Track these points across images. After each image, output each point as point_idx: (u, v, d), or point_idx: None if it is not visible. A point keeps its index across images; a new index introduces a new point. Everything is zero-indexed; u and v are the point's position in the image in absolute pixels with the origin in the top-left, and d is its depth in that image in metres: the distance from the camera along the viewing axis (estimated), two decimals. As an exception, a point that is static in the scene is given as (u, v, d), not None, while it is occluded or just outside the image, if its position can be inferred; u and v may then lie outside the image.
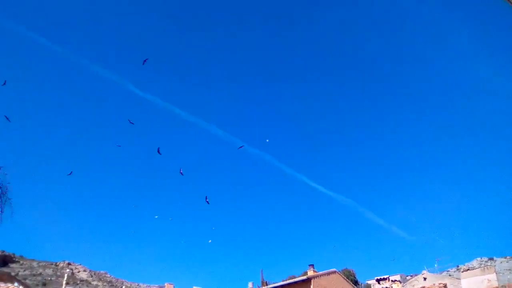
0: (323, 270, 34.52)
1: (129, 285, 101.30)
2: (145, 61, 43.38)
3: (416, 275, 38.69)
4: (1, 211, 9.50)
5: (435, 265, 47.13)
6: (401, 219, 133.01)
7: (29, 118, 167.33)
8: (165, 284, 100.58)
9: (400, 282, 34.19)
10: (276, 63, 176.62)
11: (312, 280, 31.28)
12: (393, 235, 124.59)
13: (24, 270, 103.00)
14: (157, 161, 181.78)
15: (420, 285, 29.06)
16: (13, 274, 66.88)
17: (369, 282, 60.04)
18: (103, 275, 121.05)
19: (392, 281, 32.70)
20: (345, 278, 38.25)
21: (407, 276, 45.91)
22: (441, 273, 44.83)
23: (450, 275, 40.89)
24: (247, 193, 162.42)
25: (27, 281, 72.10)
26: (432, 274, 35.67)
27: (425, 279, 32.89)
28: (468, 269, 35.33)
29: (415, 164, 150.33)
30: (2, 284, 10.98)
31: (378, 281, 45.64)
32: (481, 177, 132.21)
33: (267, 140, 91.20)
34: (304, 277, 32.78)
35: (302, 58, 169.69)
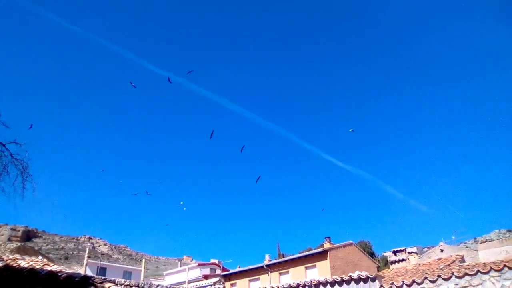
0: (339, 243, 34.69)
1: (148, 258, 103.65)
2: (189, 72, 42.60)
3: (433, 247, 38.70)
4: (22, 188, 9.59)
5: (452, 237, 47.04)
6: (418, 191, 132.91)
7: (54, 95, 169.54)
8: (184, 257, 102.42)
9: (417, 254, 34.17)
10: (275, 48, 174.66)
11: (328, 252, 31.48)
12: (410, 208, 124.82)
13: (47, 245, 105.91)
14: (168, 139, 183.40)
15: (437, 257, 28.97)
16: (36, 248, 68.78)
17: (385, 254, 60.41)
18: (123, 248, 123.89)
19: (408, 253, 32.75)
20: (361, 250, 38.44)
21: (423, 248, 45.96)
22: (458, 245, 44.75)
23: (467, 247, 40.81)
24: (262, 167, 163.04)
25: (50, 255, 74.07)
26: (449, 245, 35.59)
27: (442, 250, 32.78)
28: (485, 241, 35.17)
29: (434, 136, 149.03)
30: (27, 257, 11.21)
31: (395, 253, 45.67)
32: (498, 149, 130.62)
33: (351, 130, 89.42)
34: (321, 249, 32.98)
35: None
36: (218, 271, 48.79)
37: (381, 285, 14.13)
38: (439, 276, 13.24)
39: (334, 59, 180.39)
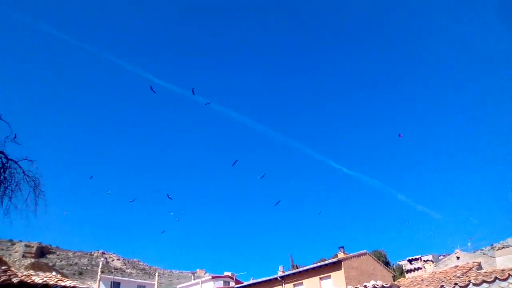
0: (353, 252, 34.37)
1: (162, 271, 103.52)
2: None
3: (448, 254, 38.08)
4: (35, 204, 9.67)
5: (468, 244, 46.26)
6: (432, 199, 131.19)
7: (64, 111, 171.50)
8: (197, 270, 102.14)
9: (433, 262, 33.67)
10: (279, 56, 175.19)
11: (343, 262, 31.20)
12: (423, 215, 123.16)
13: (61, 260, 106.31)
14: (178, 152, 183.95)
15: (453, 264, 28.52)
16: (50, 264, 69.14)
17: (400, 262, 59.61)
18: (136, 263, 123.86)
19: (424, 261, 32.25)
20: (376, 259, 38.02)
21: (439, 255, 45.29)
22: (475, 252, 44.01)
23: (484, 254, 40.10)
24: (274, 178, 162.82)
25: (64, 271, 74.35)
26: (465, 253, 34.98)
27: (458, 258, 32.23)
28: (503, 247, 34.57)
29: (445, 141, 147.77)
30: (41, 273, 11.27)
31: (410, 261, 45.07)
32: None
33: (400, 135, 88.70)
34: (335, 259, 32.72)
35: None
36: (232, 284, 48.56)
37: (397, 294, 13.95)
38: (456, 284, 13.03)
39: (342, 65, 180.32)
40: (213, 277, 54.95)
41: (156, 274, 43.15)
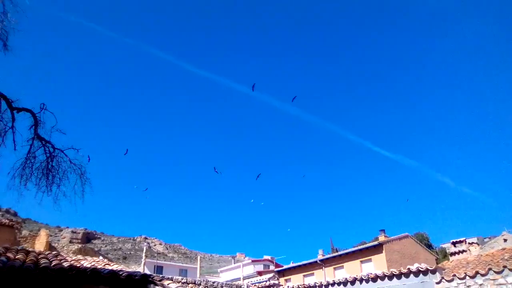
0: (394, 235, 33.87)
1: (202, 256, 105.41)
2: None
3: (495, 237, 36.91)
4: (82, 191, 9.96)
5: (516, 226, 44.65)
6: (476, 180, 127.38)
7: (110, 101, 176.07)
8: (237, 254, 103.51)
9: (478, 245, 32.71)
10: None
11: (384, 245, 30.82)
12: (468, 197, 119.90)
13: (106, 246, 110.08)
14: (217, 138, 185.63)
15: (500, 247, 27.62)
16: (96, 249, 71.60)
17: (443, 245, 58.26)
18: (178, 247, 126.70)
19: (469, 243, 31.33)
20: (418, 242, 37.36)
21: (485, 238, 43.94)
22: (523, 234, 42.44)
23: (532, 236, 38.64)
24: (314, 163, 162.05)
25: (109, 256, 76.91)
26: (512, 235, 33.85)
27: (505, 240, 31.25)
28: (552, 229, 33.15)
29: (491, 122, 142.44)
30: (89, 258, 11.65)
31: (454, 244, 43.91)
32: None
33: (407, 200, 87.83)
34: (376, 243, 32.36)
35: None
36: (272, 267, 48.92)
37: (442, 277, 13.61)
38: (505, 267, 12.57)
39: (381, 49, 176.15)
40: (253, 261, 55.50)
41: (198, 258, 44.00)
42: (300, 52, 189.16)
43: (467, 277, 13.26)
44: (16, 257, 9.21)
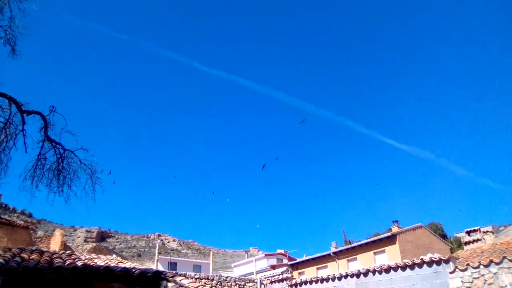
0: (408, 226, 33.70)
1: (216, 251, 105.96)
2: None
3: (510, 224, 36.58)
4: (93, 191, 10.07)
5: (531, 214, 44.09)
6: (489, 169, 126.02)
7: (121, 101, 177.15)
8: (250, 249, 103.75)
9: (493, 233, 32.41)
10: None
11: (397, 236, 30.70)
12: (481, 186, 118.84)
13: (120, 244, 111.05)
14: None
15: (515, 235, 27.32)
16: (110, 248, 72.37)
17: (458, 235, 57.77)
18: (191, 243, 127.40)
19: (483, 232, 31.02)
20: (432, 232, 37.13)
21: (499, 226, 43.48)
22: (538, 222, 41.94)
23: (547, 223, 38.17)
24: (327, 156, 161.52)
25: (123, 254, 77.66)
26: (527, 222, 33.47)
27: (520, 228, 30.92)
28: None
29: (498, 108, 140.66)
30: (103, 256, 11.79)
31: (468, 233, 43.53)
32: None
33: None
34: (389, 234, 32.24)
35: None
36: (285, 261, 48.97)
37: (456, 267, 13.52)
38: (520, 254, 12.46)
39: (397, 40, 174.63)
40: (266, 255, 55.59)
41: (211, 253, 44.16)
42: (310, 45, 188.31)
43: (481, 266, 13.15)
44: (31, 257, 9.34)
